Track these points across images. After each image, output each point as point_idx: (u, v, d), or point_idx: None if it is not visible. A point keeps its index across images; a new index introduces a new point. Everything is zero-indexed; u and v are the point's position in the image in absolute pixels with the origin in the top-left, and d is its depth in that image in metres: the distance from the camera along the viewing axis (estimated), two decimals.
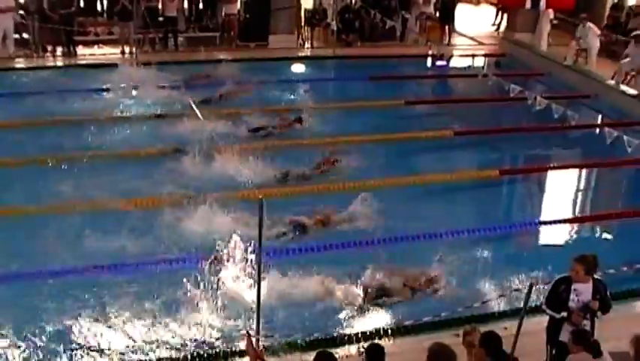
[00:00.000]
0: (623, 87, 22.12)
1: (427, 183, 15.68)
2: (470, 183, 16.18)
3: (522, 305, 8.31)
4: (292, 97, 20.92)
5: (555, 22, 26.65)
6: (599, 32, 24.54)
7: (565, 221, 14.72)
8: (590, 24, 24.23)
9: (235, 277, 11.44)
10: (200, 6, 25.96)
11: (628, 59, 22.14)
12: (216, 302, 10.89)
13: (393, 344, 10.17)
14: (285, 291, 11.14)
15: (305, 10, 26.60)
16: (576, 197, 16.46)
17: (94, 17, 25.41)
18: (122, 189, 14.11)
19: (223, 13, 25.06)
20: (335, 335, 10.28)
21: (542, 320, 9.60)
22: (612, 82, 22.50)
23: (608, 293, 9.20)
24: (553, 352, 9.08)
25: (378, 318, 10.99)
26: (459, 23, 29.03)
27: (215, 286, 11.12)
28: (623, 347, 8.96)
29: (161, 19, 24.18)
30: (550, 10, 25.94)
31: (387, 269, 11.67)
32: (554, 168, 17.43)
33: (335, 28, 26.00)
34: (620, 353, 8.70)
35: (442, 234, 13.26)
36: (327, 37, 26.42)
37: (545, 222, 14.55)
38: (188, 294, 10.95)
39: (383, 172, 15.92)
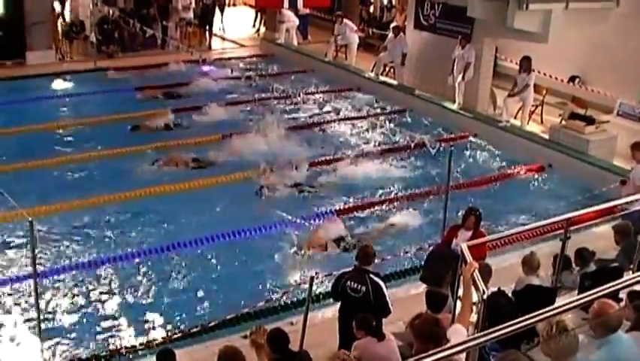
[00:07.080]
0: (383, 78, 23.01)
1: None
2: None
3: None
4: (59, 113, 20.24)
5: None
6: (355, 28, 25.42)
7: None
8: (346, 20, 25.07)
9: None
10: None
11: (386, 52, 22.90)
12: None
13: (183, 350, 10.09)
14: None
15: (62, 23, 25.77)
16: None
17: None
18: None
19: None
20: None
21: (327, 311, 9.84)
22: (372, 74, 23.38)
23: None
24: None
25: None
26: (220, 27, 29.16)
27: None
28: (404, 328, 9.32)
29: None
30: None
31: None
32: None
33: (94, 40, 25.36)
34: (401, 333, 9.03)
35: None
36: (87, 49, 25.71)
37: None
38: None
39: None
